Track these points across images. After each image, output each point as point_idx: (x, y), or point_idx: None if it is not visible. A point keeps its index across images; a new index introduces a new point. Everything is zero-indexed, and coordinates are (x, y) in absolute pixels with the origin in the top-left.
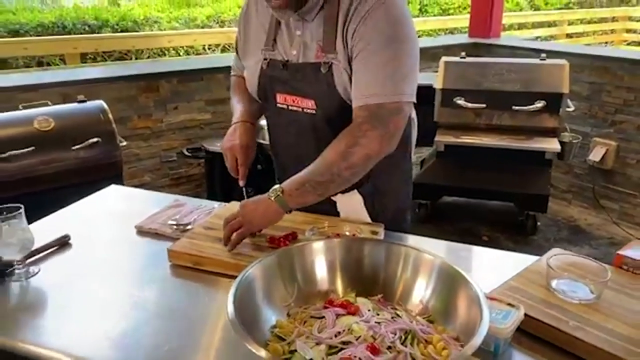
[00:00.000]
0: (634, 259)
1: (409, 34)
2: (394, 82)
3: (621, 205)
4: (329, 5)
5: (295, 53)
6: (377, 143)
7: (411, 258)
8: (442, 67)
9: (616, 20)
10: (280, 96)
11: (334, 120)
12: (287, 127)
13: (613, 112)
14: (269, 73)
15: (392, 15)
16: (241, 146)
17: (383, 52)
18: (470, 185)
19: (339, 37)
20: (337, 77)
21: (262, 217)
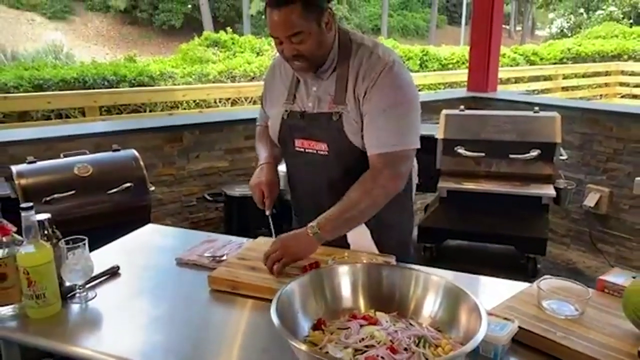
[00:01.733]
0: (614, 283)
1: (412, 93)
2: (403, 134)
3: (617, 248)
4: (341, 67)
5: (311, 105)
6: (394, 183)
7: (421, 279)
8: (442, 119)
9: (609, 74)
10: (298, 141)
11: (343, 160)
12: (304, 167)
13: (604, 160)
14: (289, 122)
15: (397, 78)
16: (267, 182)
17: (392, 110)
18: (472, 229)
19: (350, 93)
20: (346, 124)
21: (303, 248)
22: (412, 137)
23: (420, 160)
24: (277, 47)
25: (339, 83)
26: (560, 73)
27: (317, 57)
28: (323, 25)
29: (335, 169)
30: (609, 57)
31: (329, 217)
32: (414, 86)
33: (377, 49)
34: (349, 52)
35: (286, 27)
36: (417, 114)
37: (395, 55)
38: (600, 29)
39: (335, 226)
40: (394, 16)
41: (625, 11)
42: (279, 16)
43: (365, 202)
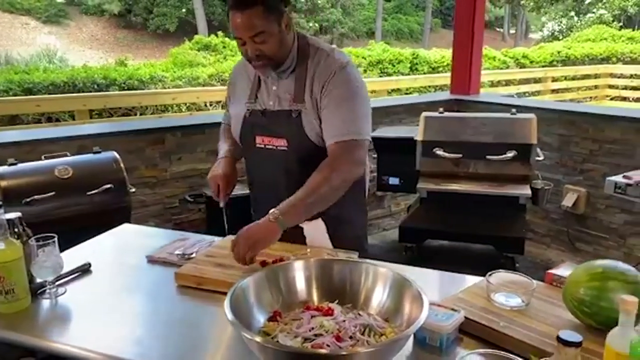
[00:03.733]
0: (560, 276)
1: (363, 90)
2: (357, 124)
3: (595, 247)
4: (299, 68)
5: (272, 103)
6: (350, 169)
7: (370, 272)
8: (422, 121)
9: (598, 77)
10: (259, 138)
11: (301, 155)
12: (264, 162)
13: (581, 161)
14: (251, 120)
15: (350, 76)
16: (223, 175)
17: (346, 103)
18: (451, 229)
19: (307, 92)
20: (304, 121)
21: (266, 235)
22: (365, 128)
23: (402, 162)
24: (241, 47)
25: (297, 83)
26: (550, 76)
27: (279, 56)
28: (283, 27)
29: (293, 162)
30: (598, 60)
31: (290, 203)
32: (364, 86)
33: (333, 52)
34: (307, 54)
35: (249, 28)
36: (368, 110)
37: (349, 58)
38: (590, 32)
39: (297, 212)
40: (388, 20)
41: (615, 14)
42: (242, 18)
43: (324, 187)
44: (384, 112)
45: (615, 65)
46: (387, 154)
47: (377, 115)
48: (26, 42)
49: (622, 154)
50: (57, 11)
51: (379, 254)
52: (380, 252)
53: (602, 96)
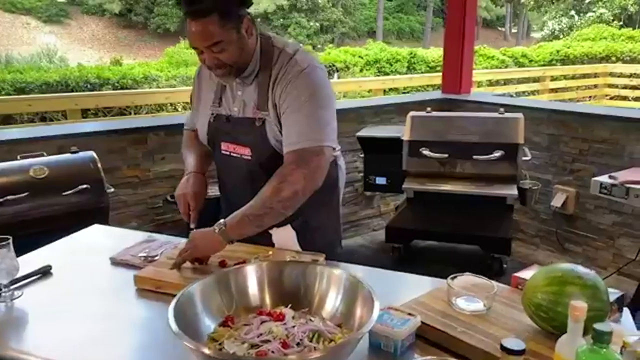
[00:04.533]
0: (525, 279)
1: (325, 93)
2: (314, 132)
3: (584, 248)
4: (263, 73)
5: (236, 109)
6: (302, 180)
7: (325, 274)
8: (408, 121)
9: (598, 76)
10: (224, 144)
11: (266, 165)
12: (230, 171)
13: (571, 161)
14: (215, 125)
15: (310, 80)
16: (193, 193)
17: (303, 110)
18: (438, 229)
19: (270, 99)
20: (268, 130)
21: (208, 246)
22: (326, 134)
23: (389, 162)
24: (199, 56)
25: (261, 89)
26: (548, 75)
27: (240, 63)
28: (243, 32)
29: (258, 174)
30: (597, 59)
31: (237, 216)
32: (329, 89)
33: (297, 54)
34: (270, 58)
35: (205, 37)
36: (330, 113)
37: (314, 60)
38: (590, 31)
39: (243, 225)
40: (390, 19)
41: (615, 13)
42: (197, 27)
43: (273, 200)
44: (373, 112)
45: (615, 64)
46: (374, 153)
47: (367, 115)
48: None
49: (611, 153)
50: (58, 11)
51: (368, 255)
52: (369, 252)
53: (601, 95)
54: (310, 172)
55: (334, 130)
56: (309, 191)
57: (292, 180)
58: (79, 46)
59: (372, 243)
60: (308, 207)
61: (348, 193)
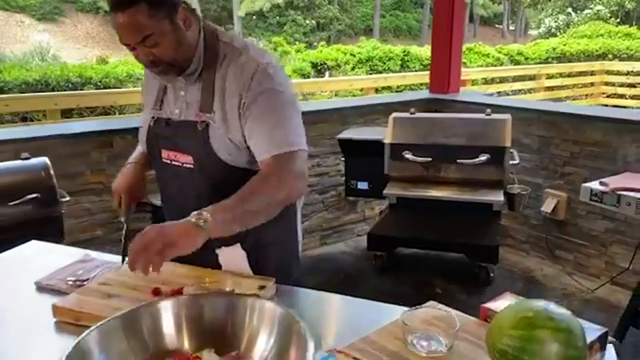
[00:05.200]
0: (496, 312)
1: (290, 94)
2: (288, 135)
3: (575, 255)
4: (207, 71)
5: (177, 112)
6: (294, 184)
7: (256, 309)
8: (391, 122)
9: (594, 74)
10: (165, 152)
11: (210, 176)
12: (171, 181)
13: (562, 164)
14: (155, 130)
15: (273, 80)
16: (127, 186)
17: (272, 114)
18: (422, 236)
19: (217, 99)
20: (212, 135)
21: (183, 241)
22: (300, 139)
23: (371, 165)
24: (133, 53)
25: (205, 88)
26: (544, 73)
27: (179, 60)
28: (179, 23)
29: (202, 185)
30: (594, 57)
31: (222, 206)
32: (291, 88)
33: (248, 50)
34: (216, 53)
35: (134, 31)
36: (298, 116)
37: (268, 57)
38: (586, 28)
39: (229, 217)
40: (387, 17)
41: (612, 10)
42: (124, 19)
43: (266, 195)
44: (357, 113)
45: (612, 62)
46: (355, 157)
47: (350, 115)
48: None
49: (604, 156)
50: (52, 8)
51: (350, 263)
52: (351, 260)
53: (598, 94)
54: (298, 176)
55: (302, 132)
56: (295, 198)
57: (286, 184)
58: (73, 44)
59: (356, 250)
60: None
61: (331, 197)
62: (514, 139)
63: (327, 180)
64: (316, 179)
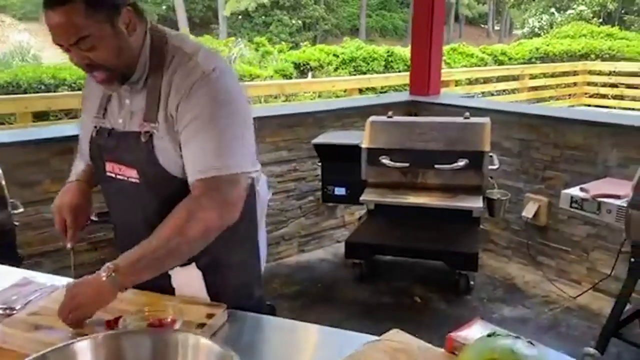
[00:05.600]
0: (463, 344)
1: (236, 106)
2: (224, 155)
3: (557, 261)
4: (153, 77)
5: (121, 121)
6: (216, 215)
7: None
8: (368, 126)
9: (577, 74)
10: (109, 165)
11: (157, 191)
12: (116, 196)
13: (542, 168)
14: (98, 140)
15: (217, 89)
16: (70, 206)
17: (212, 127)
18: (401, 243)
19: (162, 108)
20: (157, 147)
21: (94, 297)
22: (238, 159)
23: (348, 171)
24: (68, 54)
25: (150, 96)
26: (527, 73)
27: (120, 65)
28: (120, 27)
29: (149, 201)
30: (576, 57)
31: (131, 258)
32: (242, 99)
33: (198, 54)
34: (163, 58)
35: (67, 30)
36: (244, 131)
37: (220, 62)
38: (569, 29)
39: (138, 269)
40: (373, 16)
41: (594, 10)
42: (57, 18)
43: (176, 239)
44: (334, 116)
45: (594, 62)
46: (331, 162)
47: (327, 119)
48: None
49: (585, 160)
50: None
51: (328, 271)
52: (329, 268)
53: (581, 94)
54: (225, 205)
55: (251, 151)
56: (223, 227)
57: (201, 217)
58: None
59: (335, 257)
60: (218, 243)
61: (309, 203)
62: (494, 143)
63: (305, 185)
64: (293, 184)
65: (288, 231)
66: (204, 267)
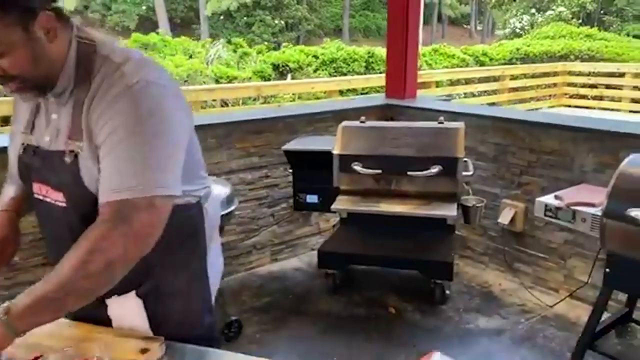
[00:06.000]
0: None
1: (165, 123)
2: (140, 175)
3: (534, 269)
4: (80, 89)
5: (47, 139)
6: (121, 245)
7: None
8: (339, 132)
9: (557, 75)
10: (36, 185)
11: (85, 216)
12: (46, 218)
13: (519, 173)
14: (24, 159)
15: (139, 101)
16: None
17: (128, 142)
18: (374, 252)
19: (84, 124)
20: (82, 168)
21: None
22: (158, 180)
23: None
24: None
25: (76, 111)
26: (508, 74)
27: (37, 76)
28: (37, 32)
29: (78, 226)
30: (556, 58)
31: (26, 298)
32: (176, 114)
33: (126, 64)
34: (90, 68)
35: None
36: (172, 150)
37: (151, 72)
38: (549, 29)
39: (34, 310)
40: (356, 17)
41: (574, 11)
42: None
43: (77, 276)
44: (306, 120)
45: (574, 63)
46: (303, 168)
47: (299, 124)
48: None
49: (561, 166)
50: None
51: (300, 281)
52: (302, 277)
53: (561, 94)
54: (133, 234)
55: (173, 173)
56: (133, 259)
57: (105, 247)
58: None
59: (309, 266)
60: (159, 268)
61: (282, 210)
62: (470, 147)
63: (277, 192)
64: (265, 191)
65: (260, 240)
66: (144, 295)
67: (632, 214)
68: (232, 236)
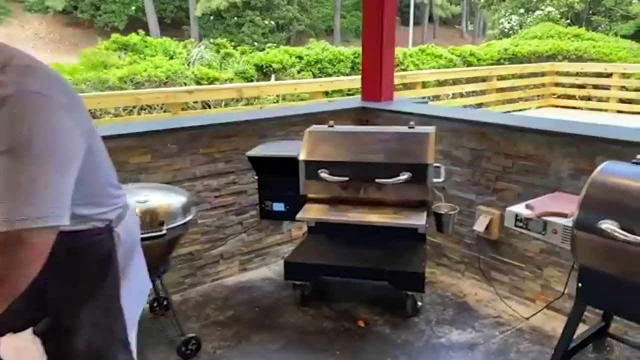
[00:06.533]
0: None
1: (45, 138)
2: (11, 205)
3: (511, 278)
4: None
5: None
6: None
7: None
8: (306, 137)
9: (545, 75)
10: None
11: None
12: None
13: (494, 179)
14: None
15: (13, 116)
16: None
17: (3, 164)
18: (343, 263)
19: None
20: None
21: None
22: (32, 208)
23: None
24: None
25: None
26: (496, 74)
27: None
28: None
29: None
30: (544, 58)
31: None
32: (53, 127)
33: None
34: None
35: None
36: (52, 169)
37: (35, 82)
38: (537, 29)
39: None
40: (347, 17)
41: (562, 11)
42: None
43: None
44: (276, 124)
45: (562, 63)
46: (269, 175)
47: (269, 128)
48: None
49: (537, 171)
50: None
51: (268, 292)
52: (271, 288)
53: (549, 94)
54: (7, 268)
55: (57, 200)
56: (8, 298)
57: None
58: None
59: (279, 275)
60: (60, 302)
61: (250, 218)
62: (445, 152)
63: (245, 199)
64: (232, 198)
65: (228, 249)
66: (42, 333)
67: (602, 226)
68: (196, 246)
